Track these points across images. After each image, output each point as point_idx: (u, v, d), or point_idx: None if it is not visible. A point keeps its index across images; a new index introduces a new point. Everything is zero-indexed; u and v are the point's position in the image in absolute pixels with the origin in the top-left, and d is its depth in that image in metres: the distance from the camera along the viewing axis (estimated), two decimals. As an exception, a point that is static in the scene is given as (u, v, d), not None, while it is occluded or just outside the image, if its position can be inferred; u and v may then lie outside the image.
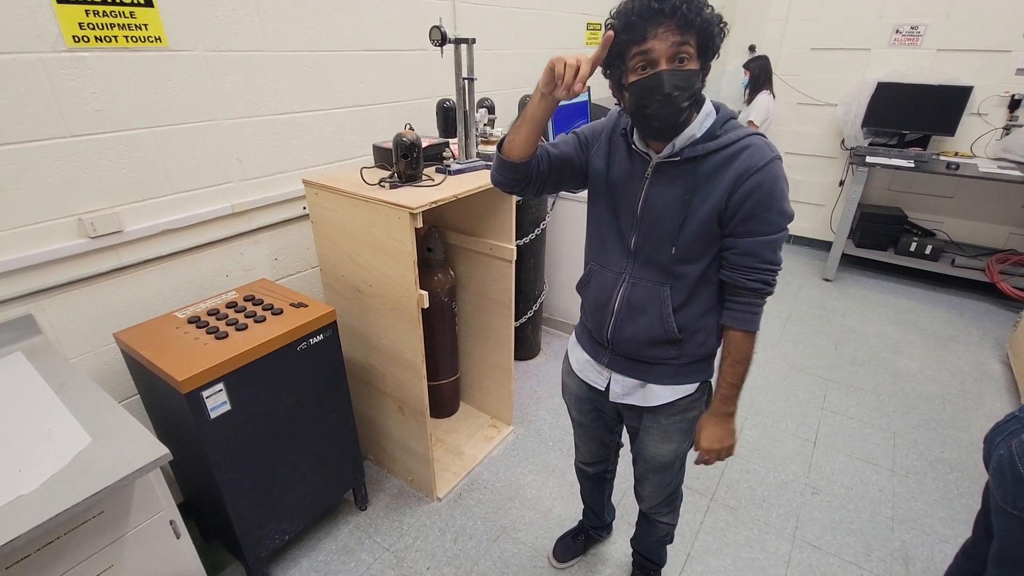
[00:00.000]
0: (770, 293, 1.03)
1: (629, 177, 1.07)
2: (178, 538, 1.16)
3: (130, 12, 1.33)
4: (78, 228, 1.36)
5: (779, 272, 1.03)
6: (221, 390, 1.30)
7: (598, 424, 1.39)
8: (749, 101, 3.63)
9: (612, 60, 0.95)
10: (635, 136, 1.04)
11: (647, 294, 1.09)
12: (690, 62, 0.91)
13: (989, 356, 2.89)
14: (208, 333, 1.39)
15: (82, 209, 1.36)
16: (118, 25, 1.31)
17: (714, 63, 0.96)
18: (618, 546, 1.79)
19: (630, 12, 0.89)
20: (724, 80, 4.22)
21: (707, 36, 0.90)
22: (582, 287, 1.23)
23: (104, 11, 1.28)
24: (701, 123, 0.98)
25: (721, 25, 0.92)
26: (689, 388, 1.17)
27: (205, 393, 1.27)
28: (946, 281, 3.68)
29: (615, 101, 1.05)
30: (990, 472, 1.15)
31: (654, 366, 1.15)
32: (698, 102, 0.97)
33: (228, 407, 1.33)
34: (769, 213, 0.96)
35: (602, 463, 1.53)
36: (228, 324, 1.43)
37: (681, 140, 0.98)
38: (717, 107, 1.02)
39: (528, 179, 1.09)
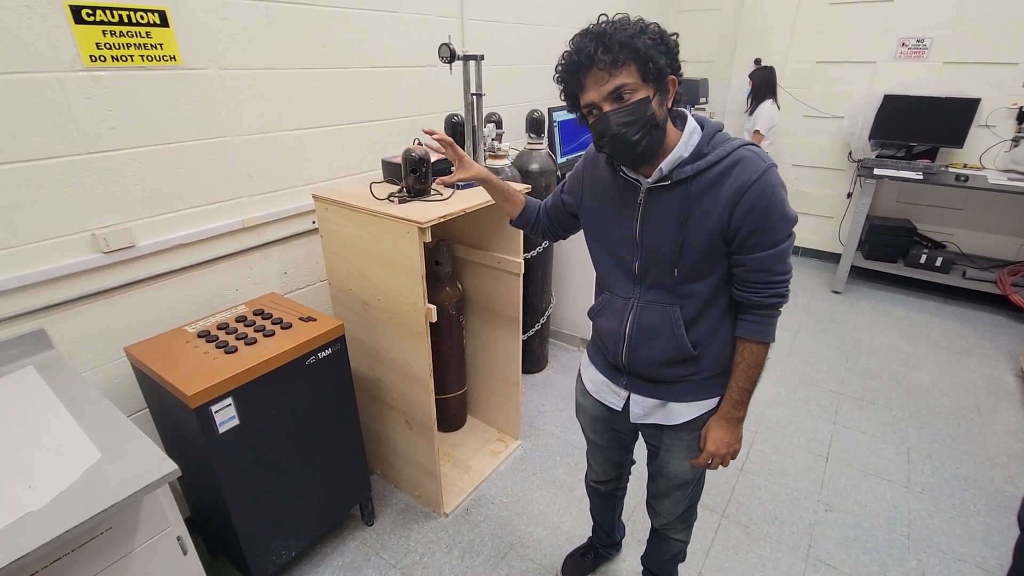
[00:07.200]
0: (785, 303, 1.03)
1: (623, 205, 1.07)
2: (185, 554, 1.15)
3: (146, 32, 1.35)
4: (91, 243, 1.38)
5: (791, 279, 1.02)
6: (230, 405, 1.31)
7: (614, 444, 1.38)
8: (751, 111, 3.65)
9: (572, 107, 1.00)
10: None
11: (658, 317, 1.08)
12: (636, 94, 0.90)
13: (1003, 370, 2.85)
14: (218, 347, 1.39)
15: (96, 224, 1.38)
16: (134, 45, 1.34)
17: (720, 77, 0.96)
18: (628, 564, 1.76)
19: (561, 70, 0.95)
20: (730, 94, 4.23)
21: (645, 62, 0.88)
22: (594, 314, 1.23)
23: (121, 31, 1.31)
24: (686, 143, 0.98)
25: (663, 45, 0.90)
26: (711, 403, 1.15)
27: (214, 408, 1.27)
28: (957, 293, 3.65)
29: None
30: None
31: (674, 384, 1.14)
32: (657, 125, 0.93)
33: (237, 422, 1.33)
34: (773, 223, 0.95)
35: (615, 481, 1.51)
36: (238, 338, 1.43)
37: (668, 163, 0.97)
38: (701, 122, 1.01)
39: (535, 228, 1.32)
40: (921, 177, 3.30)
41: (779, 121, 3.60)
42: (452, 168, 1.21)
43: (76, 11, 1.24)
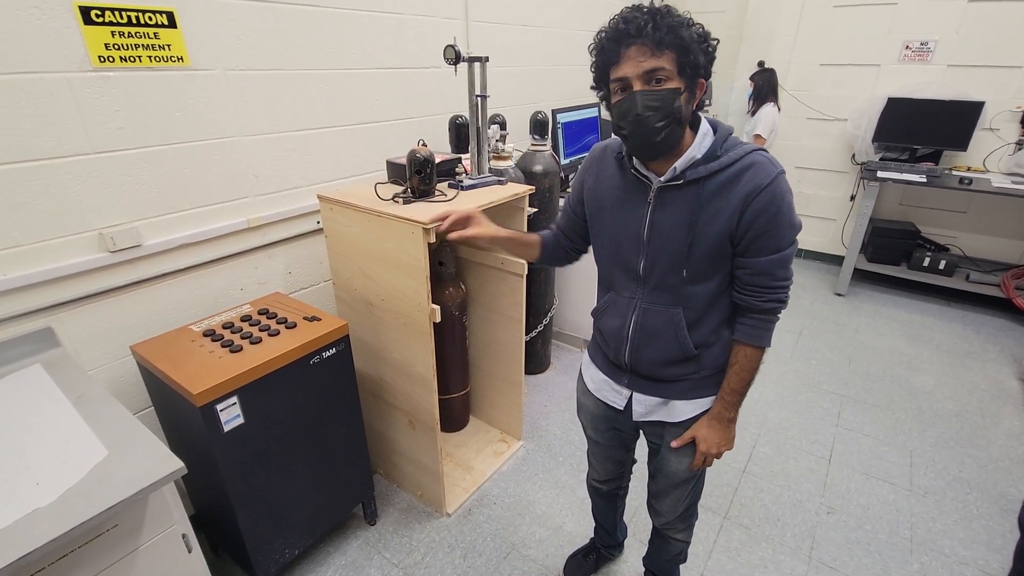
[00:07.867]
0: (783, 308, 1.04)
1: (631, 203, 1.06)
2: (190, 552, 1.16)
3: (154, 33, 1.36)
4: (98, 242, 1.39)
5: (791, 286, 1.03)
6: (235, 403, 1.31)
7: (615, 443, 1.38)
8: (753, 113, 3.65)
9: (598, 83, 0.98)
10: (635, 160, 1.04)
11: (660, 319, 1.09)
12: (668, 82, 0.90)
13: (1006, 373, 2.84)
14: (223, 346, 1.40)
15: (103, 224, 1.38)
16: (142, 46, 1.35)
17: (723, 80, 0.97)
18: (630, 565, 1.76)
19: (603, 36, 0.92)
20: (733, 96, 4.23)
21: (686, 54, 0.89)
22: (598, 314, 1.23)
23: (129, 32, 1.32)
24: (700, 144, 0.98)
25: (705, 44, 0.92)
26: (712, 400, 1.16)
27: (219, 407, 1.28)
28: (961, 296, 3.64)
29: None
30: None
31: (676, 383, 1.15)
32: (680, 121, 0.93)
33: (241, 420, 1.34)
34: (779, 228, 0.96)
35: (616, 480, 1.51)
36: (243, 337, 1.44)
37: (682, 162, 0.98)
38: (714, 125, 1.02)
39: (558, 257, 1.31)
40: (924, 180, 3.30)
41: (779, 124, 3.61)
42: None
43: (85, 12, 1.25)
